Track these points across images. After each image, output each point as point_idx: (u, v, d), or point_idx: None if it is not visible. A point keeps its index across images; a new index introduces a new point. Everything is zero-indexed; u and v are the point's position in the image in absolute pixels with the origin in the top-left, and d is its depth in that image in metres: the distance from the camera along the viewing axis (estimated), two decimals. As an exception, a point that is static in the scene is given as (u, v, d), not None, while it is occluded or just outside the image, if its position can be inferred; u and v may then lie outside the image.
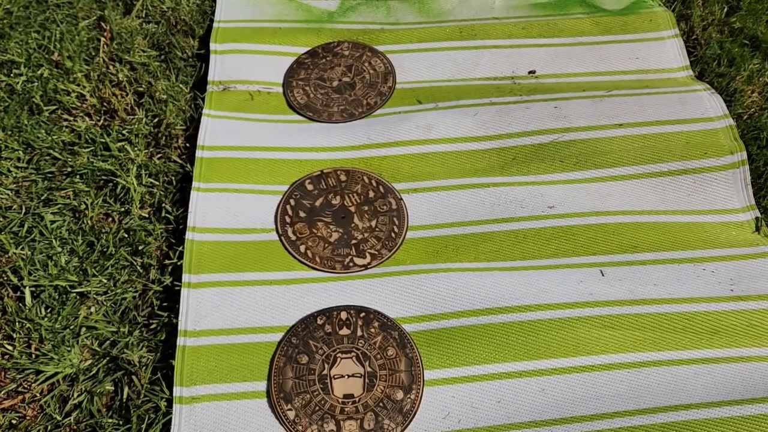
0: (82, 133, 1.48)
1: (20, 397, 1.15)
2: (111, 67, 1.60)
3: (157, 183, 1.42)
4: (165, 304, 1.26)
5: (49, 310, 1.25)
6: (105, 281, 1.27)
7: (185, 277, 1.25)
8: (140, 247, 1.32)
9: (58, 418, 1.12)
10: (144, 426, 1.11)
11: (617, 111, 1.52)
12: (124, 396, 1.14)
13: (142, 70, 1.60)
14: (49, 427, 1.12)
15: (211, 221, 1.34)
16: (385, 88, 1.61)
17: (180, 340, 1.18)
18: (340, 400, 1.13)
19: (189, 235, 1.31)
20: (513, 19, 1.75)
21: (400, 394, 1.14)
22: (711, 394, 1.14)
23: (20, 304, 1.24)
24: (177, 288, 1.26)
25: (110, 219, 1.38)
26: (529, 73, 1.66)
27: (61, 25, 1.68)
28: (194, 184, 1.38)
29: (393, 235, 1.36)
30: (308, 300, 1.25)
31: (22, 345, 1.19)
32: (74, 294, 1.26)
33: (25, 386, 1.15)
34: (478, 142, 1.50)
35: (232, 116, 1.52)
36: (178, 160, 1.46)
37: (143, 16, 1.73)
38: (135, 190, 1.39)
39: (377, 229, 1.36)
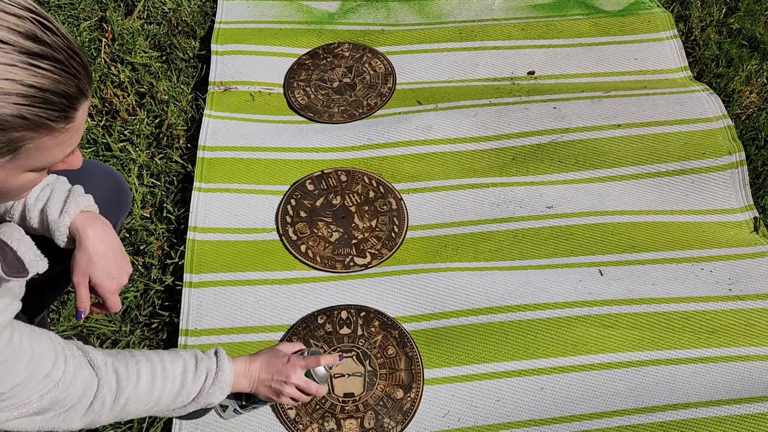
0: (84, 134, 1.49)
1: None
2: (112, 67, 1.60)
3: (158, 183, 1.43)
4: (166, 303, 1.27)
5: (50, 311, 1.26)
6: (107, 281, 1.28)
7: (186, 277, 1.26)
8: (142, 247, 1.33)
9: (60, 416, 1.13)
10: (145, 425, 1.11)
11: (616, 112, 1.53)
12: (126, 395, 1.14)
13: (144, 70, 1.61)
14: (51, 426, 1.12)
15: (212, 221, 1.35)
16: (386, 89, 1.62)
17: (181, 340, 1.19)
18: (340, 399, 1.14)
19: (190, 235, 1.32)
20: (512, 21, 1.76)
21: (400, 393, 1.15)
22: (710, 392, 1.15)
23: (22, 304, 1.24)
24: (178, 287, 1.26)
25: (112, 219, 1.38)
26: (529, 73, 1.66)
27: (62, 26, 1.68)
28: (195, 184, 1.39)
29: (393, 234, 1.36)
30: (309, 299, 1.25)
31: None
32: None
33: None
34: (477, 142, 1.50)
35: (233, 117, 1.53)
36: (180, 161, 1.46)
37: (145, 17, 1.74)
38: (136, 191, 1.39)
39: (377, 229, 1.37)
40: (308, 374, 0.97)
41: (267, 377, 0.95)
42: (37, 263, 0.74)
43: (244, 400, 0.99)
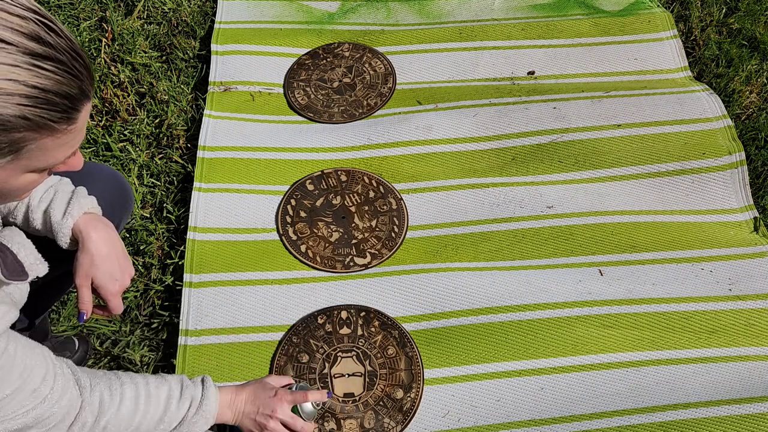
0: (85, 134, 1.49)
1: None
2: (112, 67, 1.60)
3: (158, 183, 1.43)
4: (166, 303, 1.27)
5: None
6: (107, 281, 1.28)
7: (186, 277, 1.26)
8: (142, 247, 1.33)
9: (60, 416, 1.13)
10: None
11: (616, 112, 1.53)
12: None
13: (144, 70, 1.61)
14: (51, 426, 1.12)
15: (212, 221, 1.35)
16: (386, 89, 1.62)
17: (181, 339, 1.18)
18: (340, 399, 1.14)
19: (190, 235, 1.32)
20: (512, 21, 1.76)
21: (400, 393, 1.15)
22: (710, 393, 1.15)
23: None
24: (178, 287, 1.26)
25: (112, 219, 1.38)
26: (529, 73, 1.66)
27: (65, 27, 1.68)
28: (195, 184, 1.39)
29: (393, 234, 1.36)
30: (309, 299, 1.25)
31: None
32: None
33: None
34: (477, 142, 1.50)
35: (233, 117, 1.53)
36: (180, 161, 1.46)
37: (145, 17, 1.74)
38: (136, 190, 1.39)
39: (377, 229, 1.37)
40: (295, 409, 0.96)
41: (252, 410, 0.94)
42: (37, 267, 0.74)
43: None
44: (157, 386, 0.85)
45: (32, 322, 1.01)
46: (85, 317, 0.84)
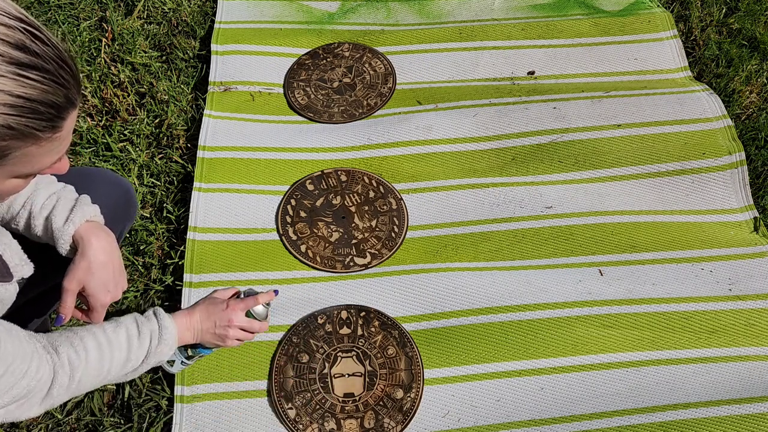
0: (84, 134, 1.49)
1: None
2: (112, 67, 1.60)
3: (158, 183, 1.43)
4: (166, 303, 1.27)
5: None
6: (106, 281, 1.28)
7: (186, 277, 1.26)
8: (142, 247, 1.33)
9: (60, 416, 1.13)
10: (145, 425, 1.11)
11: (616, 112, 1.53)
12: (126, 395, 1.14)
13: (144, 70, 1.61)
14: (50, 426, 1.12)
15: (212, 221, 1.35)
16: (386, 89, 1.62)
17: (181, 339, 1.19)
18: (340, 399, 1.14)
19: (190, 235, 1.32)
20: (512, 21, 1.76)
21: (400, 393, 1.15)
22: (710, 393, 1.15)
23: (22, 304, 1.24)
24: (178, 287, 1.26)
25: (112, 219, 1.38)
26: (529, 73, 1.66)
27: (62, 26, 1.68)
28: (195, 184, 1.39)
29: (393, 234, 1.36)
30: (309, 299, 1.25)
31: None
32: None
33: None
34: (477, 142, 1.50)
35: (233, 117, 1.53)
36: (180, 161, 1.46)
37: (145, 17, 1.74)
38: (136, 190, 1.39)
39: (377, 229, 1.37)
40: (248, 314, 1.01)
41: (209, 325, 0.98)
42: (22, 268, 0.74)
43: (190, 351, 1.03)
44: (114, 330, 0.86)
45: (24, 325, 1.01)
46: (63, 321, 0.84)
